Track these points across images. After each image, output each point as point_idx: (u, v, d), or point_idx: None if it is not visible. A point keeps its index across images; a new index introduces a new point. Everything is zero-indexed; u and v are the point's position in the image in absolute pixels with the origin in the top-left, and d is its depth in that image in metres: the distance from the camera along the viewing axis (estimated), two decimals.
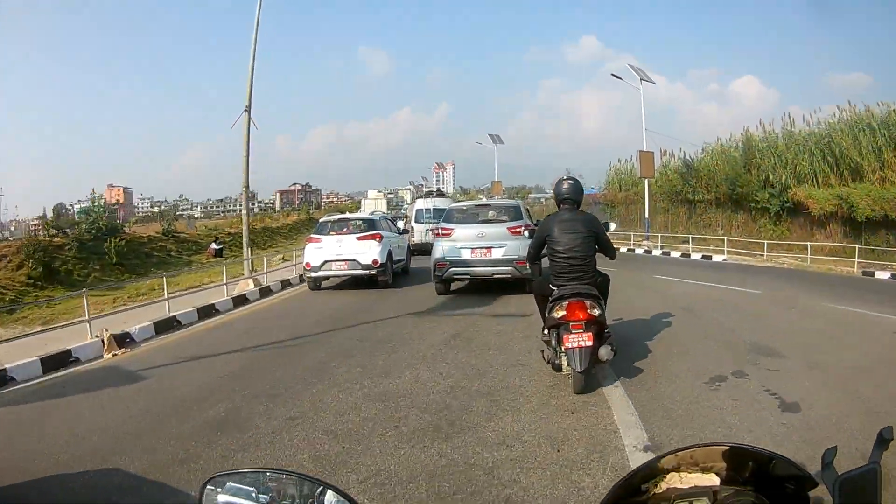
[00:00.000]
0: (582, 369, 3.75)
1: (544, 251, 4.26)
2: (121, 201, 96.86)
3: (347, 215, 12.25)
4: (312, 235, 10.41)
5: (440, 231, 8.76)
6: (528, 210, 9.74)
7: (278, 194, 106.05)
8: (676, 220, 23.88)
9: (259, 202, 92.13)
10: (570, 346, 3.77)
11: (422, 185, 62.84)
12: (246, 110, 11.81)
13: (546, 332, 4.14)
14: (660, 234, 21.46)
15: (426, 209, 18.68)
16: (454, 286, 9.20)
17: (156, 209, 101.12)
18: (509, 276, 8.33)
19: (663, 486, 0.80)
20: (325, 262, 10.04)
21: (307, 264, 10.15)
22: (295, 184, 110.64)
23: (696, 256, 17.84)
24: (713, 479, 0.80)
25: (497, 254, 8.28)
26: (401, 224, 14.80)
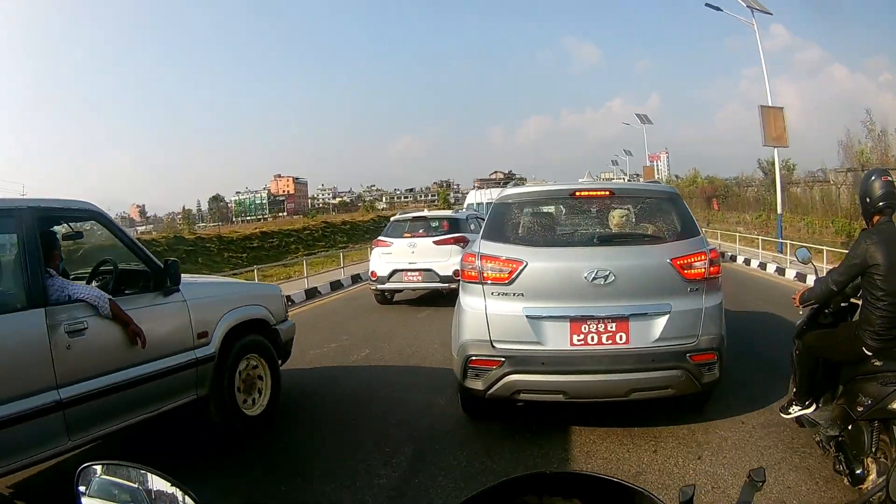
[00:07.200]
0: None
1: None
2: (290, 192, 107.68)
3: (426, 213, 9.22)
4: (381, 238, 8.26)
5: (480, 268, 3.15)
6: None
7: (475, 183, 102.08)
8: None
9: (456, 193, 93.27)
10: None
11: (615, 166, 49.92)
12: None
13: (830, 422, 2.61)
14: None
15: (477, 204, 12.06)
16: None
17: (336, 200, 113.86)
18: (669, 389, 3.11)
19: None
20: (395, 271, 7.83)
21: (373, 273, 8.08)
22: (495, 172, 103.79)
23: None
24: None
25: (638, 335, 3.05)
26: None
